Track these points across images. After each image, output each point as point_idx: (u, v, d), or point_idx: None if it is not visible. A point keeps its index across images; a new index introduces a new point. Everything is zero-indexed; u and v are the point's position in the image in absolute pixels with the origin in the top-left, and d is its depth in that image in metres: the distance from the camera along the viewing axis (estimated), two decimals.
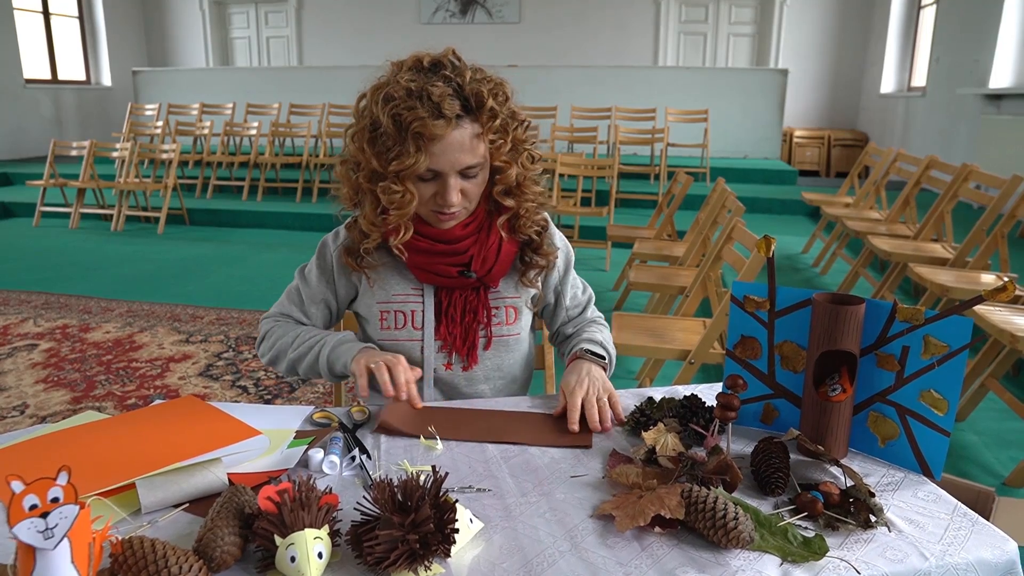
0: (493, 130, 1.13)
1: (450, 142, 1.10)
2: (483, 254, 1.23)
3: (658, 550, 0.80)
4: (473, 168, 1.14)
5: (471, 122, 1.12)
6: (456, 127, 1.10)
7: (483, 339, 1.28)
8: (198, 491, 0.89)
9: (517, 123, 1.17)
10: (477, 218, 1.24)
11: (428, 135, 1.08)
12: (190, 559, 0.72)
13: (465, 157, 1.12)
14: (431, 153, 1.10)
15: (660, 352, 2.40)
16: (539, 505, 0.89)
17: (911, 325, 0.98)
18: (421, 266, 1.24)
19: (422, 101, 1.08)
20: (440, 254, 1.22)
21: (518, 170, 1.19)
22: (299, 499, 0.76)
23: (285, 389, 2.92)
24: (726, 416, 0.98)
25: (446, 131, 1.09)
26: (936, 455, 0.98)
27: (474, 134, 1.12)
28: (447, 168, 1.12)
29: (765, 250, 1.03)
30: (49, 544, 0.65)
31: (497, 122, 1.13)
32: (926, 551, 0.81)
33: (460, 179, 1.15)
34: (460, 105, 1.10)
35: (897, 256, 3.46)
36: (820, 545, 0.80)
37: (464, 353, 1.27)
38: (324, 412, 1.13)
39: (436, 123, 1.07)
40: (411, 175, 1.13)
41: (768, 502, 0.91)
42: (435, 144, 1.10)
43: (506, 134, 1.15)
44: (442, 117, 1.08)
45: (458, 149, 1.11)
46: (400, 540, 0.71)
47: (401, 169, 1.11)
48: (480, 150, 1.13)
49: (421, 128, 1.08)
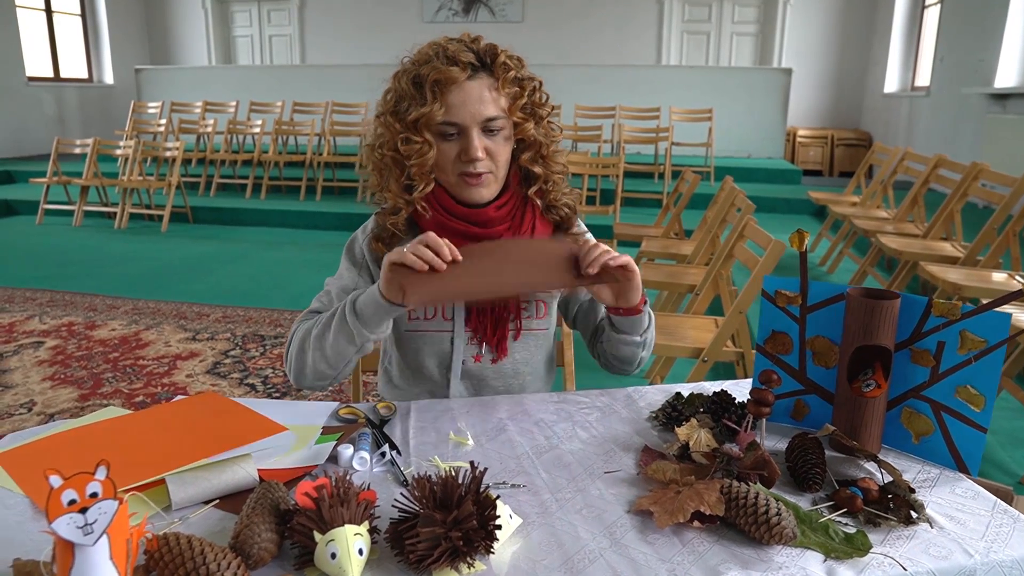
0: (508, 82, 1.14)
1: (467, 92, 1.11)
2: (517, 239, 1.22)
3: (699, 546, 0.79)
4: (494, 121, 1.14)
5: (487, 75, 1.14)
6: (472, 77, 1.12)
7: (512, 331, 1.26)
8: (228, 487, 0.88)
9: (534, 84, 1.19)
10: (510, 202, 1.22)
11: (444, 81, 1.10)
12: (228, 556, 0.71)
13: (485, 108, 1.12)
14: (449, 103, 1.11)
15: (673, 350, 2.38)
16: (575, 501, 0.88)
17: (947, 320, 0.97)
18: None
19: (438, 56, 1.12)
20: (473, 238, 1.18)
21: (538, 131, 1.19)
22: (337, 495, 0.75)
23: (293, 387, 2.90)
24: (760, 412, 0.97)
25: (460, 77, 1.10)
26: (973, 451, 0.97)
27: (490, 86, 1.13)
28: (467, 119, 1.12)
29: (799, 244, 1.02)
30: (88, 540, 0.63)
31: (511, 74, 1.14)
32: (970, 548, 0.80)
33: (482, 136, 1.14)
34: (474, 57, 1.13)
35: (907, 255, 3.45)
36: (863, 541, 0.79)
37: (494, 344, 1.25)
38: (350, 408, 1.12)
39: (450, 69, 1.10)
40: (429, 124, 1.12)
41: (805, 498, 0.90)
42: (451, 92, 1.11)
43: (522, 90, 1.16)
44: (456, 64, 1.10)
45: (477, 101, 1.12)
46: (443, 537, 0.70)
47: (418, 117, 1.11)
48: (500, 103, 1.14)
49: (436, 75, 1.10)
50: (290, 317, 3.79)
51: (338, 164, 7.49)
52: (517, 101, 1.15)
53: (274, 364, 3.14)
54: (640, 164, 7.27)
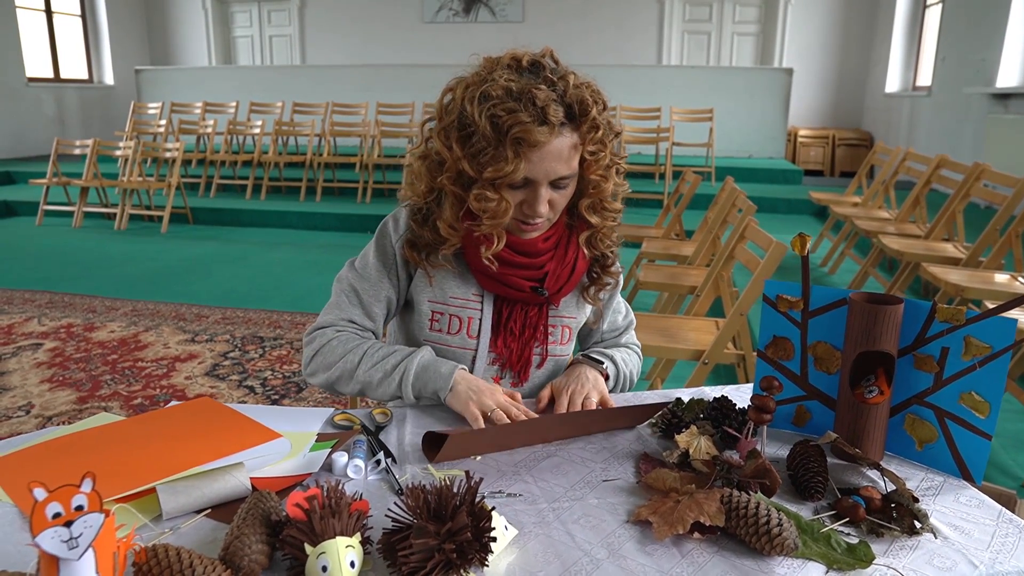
0: (593, 141, 1.07)
1: (549, 150, 1.04)
2: (558, 271, 1.18)
3: (699, 557, 0.78)
4: (565, 179, 1.09)
5: (571, 131, 1.06)
6: (558, 135, 1.04)
7: (538, 356, 1.23)
8: (220, 496, 0.87)
9: (614, 135, 1.12)
10: (557, 232, 1.19)
11: (530, 142, 1.02)
12: (217, 568, 0.69)
13: (560, 167, 1.06)
14: (529, 160, 1.04)
15: (673, 352, 2.37)
16: (572, 511, 0.86)
17: (951, 326, 0.95)
18: (491, 274, 1.16)
19: (524, 104, 1.02)
20: (518, 266, 1.16)
21: (613, 185, 1.14)
22: (329, 506, 0.73)
23: (292, 389, 2.89)
24: (761, 419, 0.95)
25: (549, 139, 1.03)
26: (977, 459, 0.96)
27: (573, 144, 1.06)
28: (541, 177, 1.07)
29: (800, 248, 1.00)
30: (73, 554, 0.62)
31: (599, 134, 1.07)
32: (975, 558, 0.79)
33: (550, 189, 1.09)
34: (564, 112, 1.04)
35: (909, 256, 3.43)
36: (866, 552, 0.78)
37: (517, 370, 1.22)
38: (345, 415, 1.10)
39: (540, 129, 1.01)
40: (507, 183, 1.07)
41: (806, 507, 0.88)
42: (535, 152, 1.04)
43: (604, 147, 1.09)
44: (546, 124, 1.02)
45: (556, 159, 1.05)
46: (436, 549, 0.69)
47: (498, 176, 1.05)
48: (574, 162, 1.08)
49: (523, 134, 1.01)
50: (289, 319, 3.77)
51: (338, 165, 7.48)
52: (600, 161, 1.09)
53: (273, 366, 3.13)
54: (641, 164, 7.26)
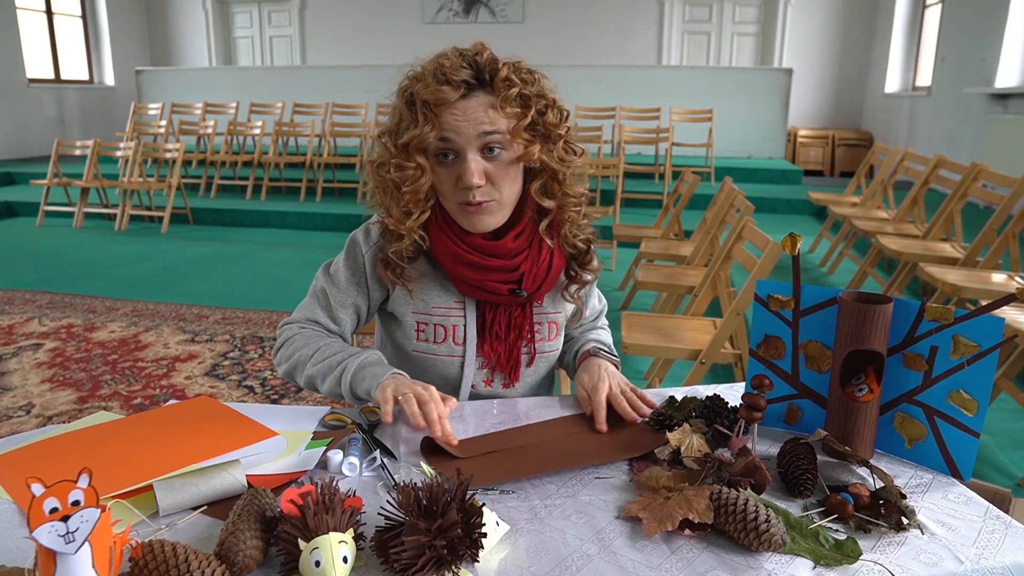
0: (511, 99, 1.05)
1: (461, 111, 1.04)
2: (534, 271, 1.16)
3: (688, 553, 0.79)
4: (490, 137, 1.05)
5: (485, 93, 1.05)
6: (468, 96, 1.04)
7: (526, 356, 1.23)
8: (216, 493, 0.88)
9: (545, 102, 1.09)
10: (525, 231, 1.16)
11: (435, 101, 1.03)
12: (212, 563, 0.70)
13: (476, 126, 1.04)
14: (441, 123, 1.04)
15: (671, 352, 2.38)
16: (564, 507, 0.87)
17: (940, 324, 0.96)
18: (469, 281, 1.15)
19: (433, 74, 1.05)
20: (492, 270, 1.14)
21: (549, 155, 1.10)
22: (322, 502, 0.74)
23: (292, 389, 2.90)
24: (752, 417, 0.96)
25: (453, 97, 1.03)
26: (965, 456, 0.96)
27: (490, 105, 1.05)
28: (461, 141, 1.05)
29: (791, 248, 1.01)
30: (70, 548, 0.63)
31: (514, 91, 1.05)
32: (961, 554, 0.80)
33: (480, 158, 1.06)
34: (472, 74, 1.05)
35: (907, 256, 3.44)
36: (853, 548, 0.79)
37: (507, 371, 1.22)
38: (335, 414, 1.11)
39: (443, 88, 1.02)
40: (421, 146, 1.06)
41: (796, 504, 0.89)
42: (444, 112, 1.04)
43: (527, 108, 1.06)
44: (449, 83, 1.03)
45: (469, 119, 1.04)
46: (427, 546, 0.70)
47: (410, 140, 1.05)
48: (499, 122, 1.05)
49: (427, 95, 1.03)
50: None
51: (338, 165, 7.50)
52: (521, 121, 1.06)
53: (273, 366, 3.14)
54: (640, 165, 7.27)
